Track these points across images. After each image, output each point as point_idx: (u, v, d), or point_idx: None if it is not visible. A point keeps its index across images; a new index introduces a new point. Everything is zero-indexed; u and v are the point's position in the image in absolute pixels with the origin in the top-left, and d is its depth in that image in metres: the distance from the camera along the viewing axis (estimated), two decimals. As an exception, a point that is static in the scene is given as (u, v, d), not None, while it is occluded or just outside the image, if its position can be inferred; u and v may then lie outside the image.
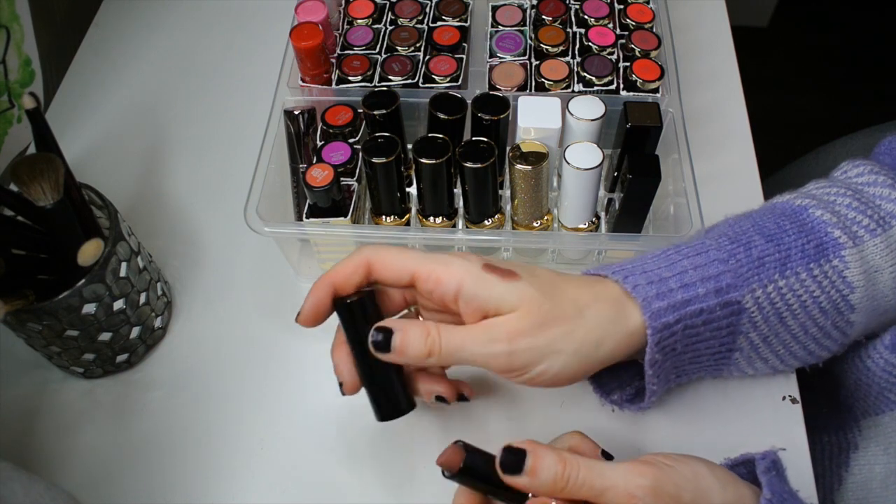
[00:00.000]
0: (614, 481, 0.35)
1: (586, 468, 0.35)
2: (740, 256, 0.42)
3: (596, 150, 0.49)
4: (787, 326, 0.44)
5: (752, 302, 0.42)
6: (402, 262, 0.40)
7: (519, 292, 0.39)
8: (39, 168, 0.43)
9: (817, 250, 0.43)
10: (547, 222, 0.53)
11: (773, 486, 0.36)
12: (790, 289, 0.42)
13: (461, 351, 0.39)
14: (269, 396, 0.52)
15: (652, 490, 0.34)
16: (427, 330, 0.39)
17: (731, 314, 0.42)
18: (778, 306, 0.43)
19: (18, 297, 0.44)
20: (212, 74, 0.70)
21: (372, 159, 0.48)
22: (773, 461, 0.37)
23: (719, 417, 0.49)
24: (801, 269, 0.43)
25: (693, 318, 0.41)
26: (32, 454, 0.50)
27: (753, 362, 0.46)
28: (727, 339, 0.43)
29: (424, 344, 0.39)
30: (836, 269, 0.43)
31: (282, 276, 0.57)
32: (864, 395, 0.49)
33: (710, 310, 0.41)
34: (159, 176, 0.64)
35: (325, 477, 0.49)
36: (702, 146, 0.61)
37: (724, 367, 0.46)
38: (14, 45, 0.57)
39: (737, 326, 0.43)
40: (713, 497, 0.36)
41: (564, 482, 0.35)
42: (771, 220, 0.45)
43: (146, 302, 0.51)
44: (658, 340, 0.41)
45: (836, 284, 0.43)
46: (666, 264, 0.42)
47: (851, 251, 0.43)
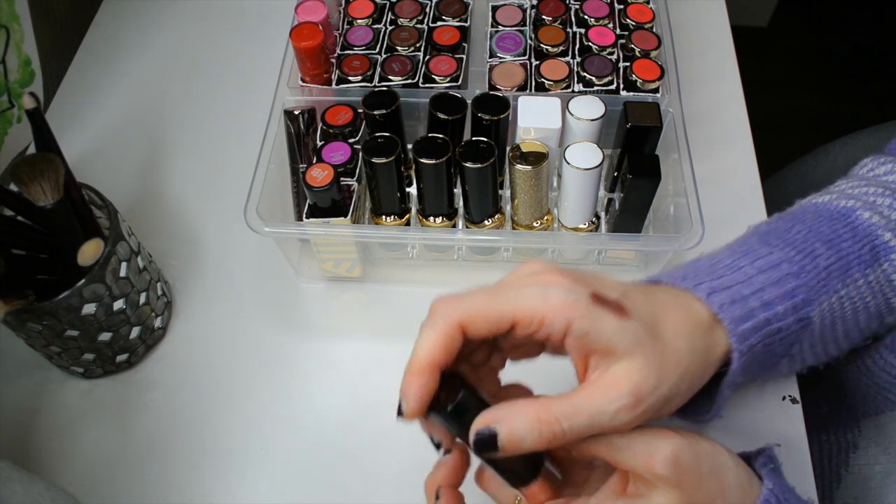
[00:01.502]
0: (633, 443, 0.34)
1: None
2: (809, 268, 0.41)
3: (596, 150, 0.49)
4: (834, 333, 0.43)
5: (818, 315, 0.41)
6: (497, 309, 0.34)
7: (633, 334, 0.34)
8: (39, 168, 0.43)
9: (872, 255, 0.42)
10: (547, 222, 0.53)
11: (774, 479, 0.36)
12: (849, 297, 0.42)
13: (578, 418, 0.33)
14: (269, 396, 0.52)
15: (672, 456, 0.33)
16: (535, 412, 0.33)
17: (802, 328, 0.41)
18: (836, 315, 0.42)
19: (18, 297, 0.44)
20: (212, 74, 0.70)
21: (372, 159, 0.48)
22: (770, 456, 0.37)
23: (719, 417, 0.49)
24: (859, 276, 0.42)
25: (772, 337, 0.40)
26: (32, 454, 0.50)
27: (795, 364, 0.45)
28: (788, 347, 0.42)
29: (538, 431, 0.33)
30: (886, 272, 0.43)
31: (282, 276, 0.57)
32: (864, 395, 0.49)
33: (788, 327, 0.40)
34: (159, 176, 0.64)
35: (324, 477, 0.49)
36: (702, 146, 0.61)
37: (769, 371, 0.45)
38: (14, 45, 0.57)
39: (800, 338, 0.42)
40: (729, 474, 0.35)
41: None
42: (825, 224, 0.44)
43: (146, 302, 0.51)
44: (743, 364, 0.39)
45: (883, 288, 0.43)
46: (743, 279, 0.40)
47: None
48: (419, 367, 0.35)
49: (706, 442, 0.35)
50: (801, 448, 0.48)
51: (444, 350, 0.34)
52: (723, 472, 0.35)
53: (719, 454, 0.35)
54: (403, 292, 0.56)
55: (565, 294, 0.34)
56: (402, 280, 0.57)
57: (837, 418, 0.52)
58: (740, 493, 0.35)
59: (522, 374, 0.42)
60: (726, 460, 0.35)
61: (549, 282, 0.35)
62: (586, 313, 0.34)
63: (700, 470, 0.34)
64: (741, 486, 0.35)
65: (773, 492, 0.35)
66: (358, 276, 0.56)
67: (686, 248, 0.48)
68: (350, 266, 0.55)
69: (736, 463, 0.36)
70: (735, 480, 0.35)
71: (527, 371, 0.41)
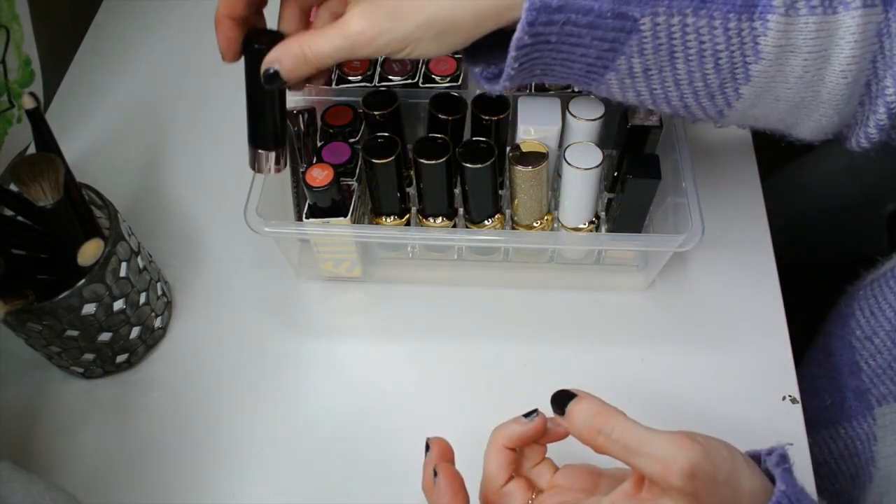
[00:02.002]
0: (651, 448, 0.34)
1: (623, 427, 0.34)
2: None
3: (596, 150, 0.49)
4: (674, 68, 0.40)
5: (649, 26, 0.38)
6: None
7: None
8: (39, 168, 0.43)
9: (746, 2, 0.38)
10: (547, 222, 0.53)
11: (787, 479, 0.35)
12: (696, 30, 0.38)
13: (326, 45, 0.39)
14: (268, 396, 0.52)
15: (690, 468, 0.33)
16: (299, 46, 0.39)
17: (621, 30, 0.38)
18: (675, 43, 0.39)
19: (18, 297, 0.44)
20: (212, 74, 0.70)
21: (372, 159, 0.48)
22: (782, 455, 0.37)
23: (719, 417, 0.49)
24: (718, 16, 0.38)
25: (578, 15, 0.37)
26: (32, 454, 0.50)
27: (626, 91, 0.42)
28: (607, 54, 0.39)
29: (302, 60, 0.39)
30: (754, 31, 0.38)
31: (282, 276, 0.57)
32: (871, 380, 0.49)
33: (601, 13, 0.37)
34: (159, 176, 0.64)
35: (324, 477, 0.49)
36: (702, 146, 0.61)
37: (594, 83, 0.42)
38: (14, 45, 0.57)
39: (622, 45, 0.39)
40: (744, 480, 0.34)
41: (595, 433, 0.35)
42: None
43: (146, 302, 0.51)
44: (532, 20, 0.37)
45: (744, 47, 0.39)
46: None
47: (779, 19, 0.38)
48: (217, 19, 0.42)
49: (724, 448, 0.35)
50: (801, 448, 0.48)
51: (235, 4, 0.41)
52: (738, 480, 0.34)
53: (736, 461, 0.35)
54: (403, 292, 0.56)
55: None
56: (402, 280, 0.57)
57: (847, 410, 0.51)
58: (752, 500, 0.35)
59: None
60: (742, 467, 0.35)
61: None
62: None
63: (716, 480, 0.33)
64: (754, 492, 0.35)
65: (786, 493, 0.35)
66: (358, 276, 0.56)
67: (686, 248, 0.48)
68: (350, 266, 0.55)
69: (752, 469, 0.35)
70: (749, 487, 0.35)
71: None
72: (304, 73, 0.41)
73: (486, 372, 0.52)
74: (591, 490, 0.39)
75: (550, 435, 0.39)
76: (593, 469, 0.40)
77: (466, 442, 0.40)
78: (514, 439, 0.38)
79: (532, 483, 0.40)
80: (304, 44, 0.40)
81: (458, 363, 0.53)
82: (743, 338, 0.53)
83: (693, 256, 0.57)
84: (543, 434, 0.39)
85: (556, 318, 0.55)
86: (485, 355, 0.53)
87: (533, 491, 0.39)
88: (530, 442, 0.39)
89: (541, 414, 0.39)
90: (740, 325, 0.54)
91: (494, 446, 0.39)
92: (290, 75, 0.41)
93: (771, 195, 0.59)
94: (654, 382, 0.51)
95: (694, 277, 0.56)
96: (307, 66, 0.40)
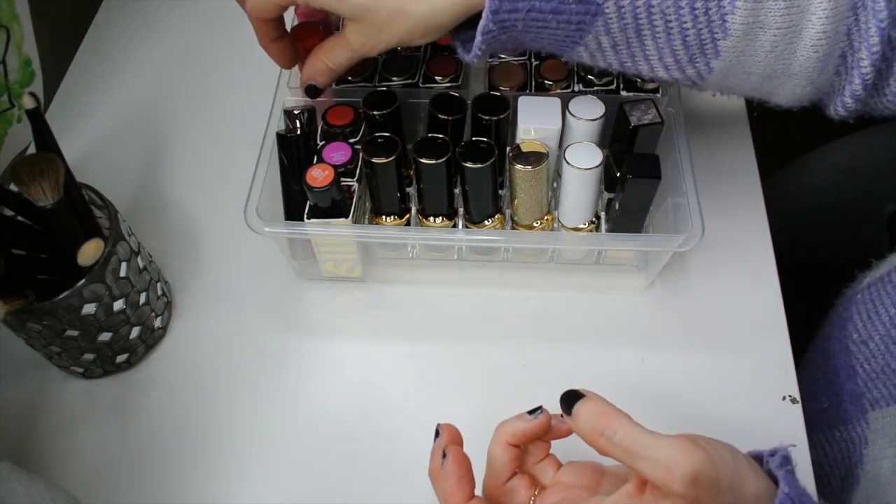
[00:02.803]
0: (653, 453, 0.33)
1: (626, 431, 0.34)
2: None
3: (596, 150, 0.49)
4: (642, 44, 0.41)
5: (613, 8, 0.39)
6: None
7: (352, 6, 0.44)
8: (39, 168, 0.43)
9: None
10: (547, 222, 0.53)
11: (790, 481, 0.35)
12: (661, 11, 0.39)
13: (336, 49, 0.48)
14: (268, 396, 0.52)
15: (692, 475, 0.32)
16: (319, 58, 0.48)
17: (586, 13, 0.39)
18: (641, 22, 0.39)
19: (18, 297, 0.44)
20: (212, 74, 0.70)
21: (372, 159, 0.48)
22: (785, 456, 0.36)
23: (719, 417, 0.49)
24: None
25: (542, 3, 0.39)
26: (32, 454, 0.50)
27: (597, 61, 0.44)
28: (574, 34, 0.41)
29: (324, 67, 0.49)
30: (722, 10, 0.38)
31: (282, 276, 0.57)
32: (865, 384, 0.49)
33: (563, 0, 0.39)
34: (159, 176, 0.64)
35: (324, 477, 0.49)
36: (702, 146, 0.61)
37: (565, 54, 0.44)
38: (14, 45, 0.57)
39: (588, 26, 0.40)
40: (747, 484, 0.34)
41: (598, 435, 0.35)
42: None
43: (146, 302, 0.51)
44: (497, 10, 0.39)
45: (711, 25, 0.39)
46: None
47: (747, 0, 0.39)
48: (263, 46, 0.50)
49: (727, 451, 0.35)
50: (801, 448, 0.48)
51: None
52: (741, 485, 0.34)
53: (739, 465, 0.35)
54: (403, 292, 0.56)
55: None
56: (402, 280, 0.57)
57: (843, 413, 0.51)
58: (755, 503, 0.34)
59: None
60: (746, 471, 0.35)
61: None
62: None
63: (719, 486, 0.33)
64: (757, 495, 0.34)
65: (789, 496, 0.34)
66: (358, 276, 0.56)
67: (686, 248, 0.48)
68: (350, 266, 0.55)
69: (755, 472, 0.35)
70: (752, 491, 0.34)
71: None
72: (332, 81, 0.50)
73: (486, 372, 0.52)
74: (594, 488, 0.39)
75: (554, 432, 0.39)
76: (597, 466, 0.40)
77: (467, 441, 0.40)
78: (518, 436, 0.38)
79: (535, 479, 0.40)
80: (325, 59, 0.48)
81: (458, 363, 0.53)
82: (743, 338, 0.53)
83: (693, 256, 0.57)
84: (547, 431, 0.39)
85: (556, 318, 0.55)
86: (485, 355, 0.53)
87: (536, 487, 0.39)
88: (534, 439, 0.39)
89: (545, 411, 0.39)
90: (740, 325, 0.54)
91: (498, 442, 0.39)
92: (325, 85, 0.50)
93: (771, 195, 0.59)
94: (654, 382, 0.51)
95: (694, 277, 0.56)
96: (334, 74, 0.49)
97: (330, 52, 0.48)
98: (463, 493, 0.37)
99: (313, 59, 0.49)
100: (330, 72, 0.49)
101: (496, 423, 0.39)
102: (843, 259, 0.58)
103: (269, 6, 0.47)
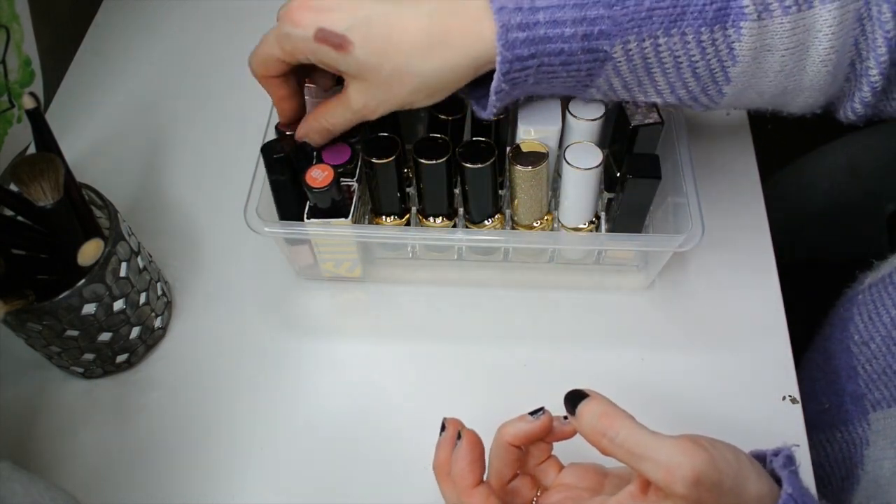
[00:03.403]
0: (655, 454, 0.33)
1: (628, 431, 0.34)
2: (629, 3, 0.38)
3: (596, 150, 0.49)
4: (653, 81, 0.41)
5: (621, 52, 0.39)
6: None
7: (356, 64, 0.42)
8: (39, 168, 0.43)
9: (717, 14, 0.39)
10: (547, 222, 0.53)
11: (793, 482, 0.35)
12: (669, 48, 0.39)
13: (333, 117, 0.46)
14: (268, 396, 0.52)
15: (694, 476, 0.32)
16: (315, 120, 0.48)
17: (594, 60, 0.40)
18: (649, 61, 0.40)
19: (18, 297, 0.44)
20: (212, 74, 0.70)
21: (372, 159, 0.48)
22: (789, 457, 0.36)
23: (719, 417, 0.49)
24: (690, 32, 0.39)
25: (551, 58, 0.39)
26: (32, 454, 0.50)
27: (610, 98, 0.45)
28: (585, 78, 0.41)
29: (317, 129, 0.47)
30: (728, 38, 0.39)
31: (282, 276, 0.57)
32: (867, 386, 0.49)
33: (571, 52, 0.39)
34: (159, 176, 0.64)
35: (324, 477, 0.49)
36: (702, 146, 0.61)
37: (578, 96, 0.45)
38: (14, 45, 0.57)
39: (598, 71, 0.40)
40: (750, 486, 0.34)
41: (600, 436, 0.35)
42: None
43: (146, 302, 0.51)
44: (507, 71, 0.40)
45: (720, 54, 0.40)
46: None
47: (752, 24, 0.39)
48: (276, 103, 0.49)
49: (730, 452, 0.35)
50: (802, 448, 0.48)
51: None
52: (743, 486, 0.34)
53: (742, 466, 0.34)
54: (403, 292, 0.56)
55: None
56: (402, 280, 0.57)
57: (844, 413, 0.51)
58: (758, 503, 0.34)
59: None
60: (748, 472, 0.35)
61: None
62: (311, 48, 0.42)
63: (721, 487, 0.33)
64: (760, 496, 0.34)
65: (793, 496, 0.34)
66: (358, 276, 0.56)
67: (686, 248, 0.48)
68: (350, 266, 0.55)
69: (758, 473, 0.35)
70: (755, 492, 0.34)
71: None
72: (327, 140, 0.49)
73: (486, 372, 0.52)
74: (597, 489, 0.39)
75: (556, 433, 0.39)
76: (599, 468, 0.40)
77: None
78: (519, 437, 0.38)
79: (537, 481, 0.40)
80: (323, 119, 0.47)
81: (458, 363, 0.53)
82: (743, 338, 0.53)
83: (693, 256, 0.57)
84: (549, 432, 0.39)
85: (557, 318, 0.55)
86: (485, 355, 0.53)
87: (538, 489, 0.39)
88: (536, 440, 0.39)
89: (547, 412, 0.39)
90: (740, 325, 0.54)
91: (500, 443, 0.39)
92: (319, 144, 0.49)
93: (771, 195, 0.59)
94: (654, 382, 0.51)
95: (694, 277, 0.56)
96: (330, 135, 0.48)
97: (329, 112, 0.47)
98: (474, 476, 0.37)
99: (311, 119, 0.48)
100: (326, 132, 0.48)
101: (496, 422, 0.39)
102: (844, 259, 0.58)
103: (269, 63, 0.45)
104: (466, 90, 0.45)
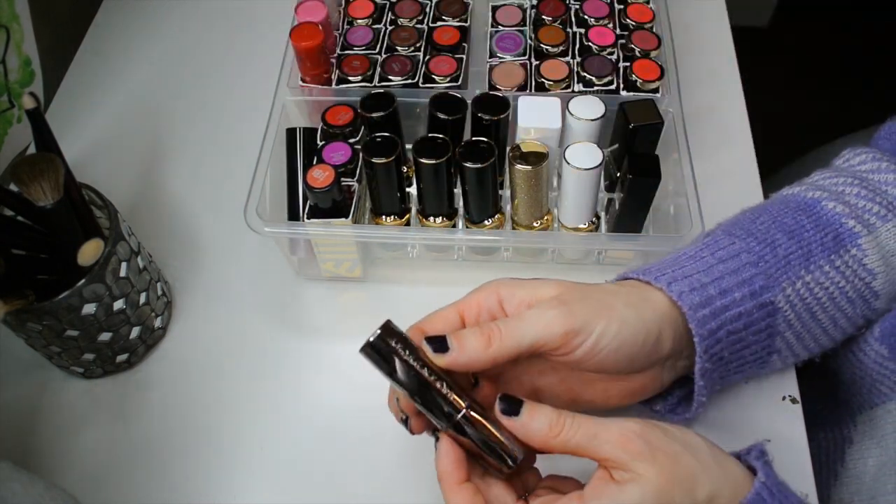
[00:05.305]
0: (606, 424, 0.36)
1: (579, 416, 0.37)
2: (768, 257, 0.43)
3: (596, 150, 0.49)
4: (818, 321, 0.45)
5: (784, 301, 0.43)
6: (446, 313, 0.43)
7: (557, 284, 0.41)
8: (39, 168, 0.43)
9: (835, 242, 0.44)
10: (547, 222, 0.53)
11: (767, 471, 0.37)
12: (817, 282, 0.44)
13: (519, 330, 0.39)
14: (268, 396, 0.52)
15: (640, 432, 0.36)
16: (481, 328, 0.39)
17: (768, 315, 0.43)
18: (808, 301, 0.44)
19: (18, 297, 0.44)
20: (212, 74, 0.70)
21: (372, 159, 0.48)
22: (762, 450, 0.38)
23: (719, 417, 0.49)
24: (824, 262, 0.44)
25: (734, 323, 0.42)
26: (32, 454, 0.50)
27: (787, 360, 0.47)
28: (767, 341, 0.44)
29: (481, 335, 0.39)
30: (856, 257, 0.44)
31: (282, 276, 0.57)
32: (858, 389, 0.49)
33: (749, 312, 0.42)
34: (159, 176, 0.64)
35: (324, 477, 0.49)
36: (702, 146, 0.61)
37: (762, 370, 0.47)
38: (14, 45, 0.57)
39: (774, 328, 0.44)
40: (702, 454, 0.36)
41: (560, 428, 0.36)
42: (789, 215, 0.46)
43: (146, 302, 0.51)
44: (706, 349, 0.41)
45: (858, 273, 0.44)
46: (703, 268, 0.43)
47: (867, 239, 0.44)
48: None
49: (673, 427, 0.37)
50: (801, 448, 0.48)
51: None
52: (697, 450, 0.36)
53: (687, 435, 0.37)
54: (403, 292, 0.56)
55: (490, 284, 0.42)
56: (402, 280, 0.57)
57: (833, 415, 0.52)
58: (732, 486, 0.36)
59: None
60: (698, 442, 0.37)
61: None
62: (509, 281, 0.42)
63: (671, 446, 0.36)
64: (719, 464, 0.37)
65: (766, 484, 0.36)
66: (358, 276, 0.56)
67: (686, 248, 0.48)
68: (350, 266, 0.55)
69: (709, 446, 0.37)
70: (708, 457, 0.36)
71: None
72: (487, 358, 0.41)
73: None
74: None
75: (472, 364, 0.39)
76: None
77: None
78: (457, 460, 0.38)
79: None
80: None
81: (458, 363, 0.53)
82: (743, 338, 0.53)
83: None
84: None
85: (556, 318, 0.55)
86: (485, 355, 0.53)
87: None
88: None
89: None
90: (740, 325, 0.54)
91: (449, 487, 0.38)
92: None
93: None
94: (654, 382, 0.51)
95: (694, 277, 0.56)
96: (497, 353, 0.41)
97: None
98: (459, 474, 0.38)
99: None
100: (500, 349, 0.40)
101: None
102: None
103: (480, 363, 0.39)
104: (658, 403, 0.47)
